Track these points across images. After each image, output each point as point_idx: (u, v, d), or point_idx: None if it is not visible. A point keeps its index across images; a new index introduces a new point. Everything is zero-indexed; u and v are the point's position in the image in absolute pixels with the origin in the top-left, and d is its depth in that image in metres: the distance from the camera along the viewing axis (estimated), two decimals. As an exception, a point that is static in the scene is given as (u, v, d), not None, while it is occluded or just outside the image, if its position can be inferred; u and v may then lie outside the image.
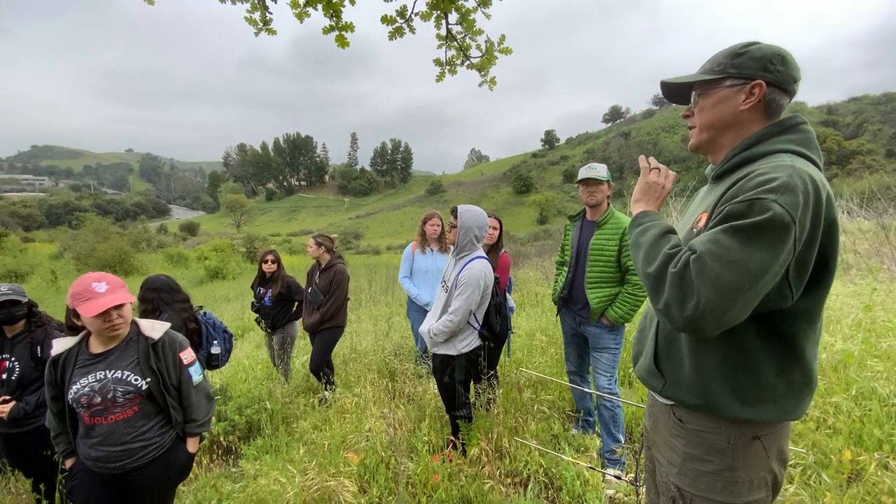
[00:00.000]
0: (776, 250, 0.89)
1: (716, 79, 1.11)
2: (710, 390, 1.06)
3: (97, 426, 1.77)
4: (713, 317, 0.91)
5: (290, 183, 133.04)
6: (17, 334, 2.37)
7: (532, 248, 14.81)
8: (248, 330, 8.39)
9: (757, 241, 0.89)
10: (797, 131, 1.06)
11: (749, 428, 1.06)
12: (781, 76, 1.07)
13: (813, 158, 1.04)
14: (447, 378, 2.59)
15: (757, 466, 1.06)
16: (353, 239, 53.07)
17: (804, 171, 0.94)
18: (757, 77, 1.07)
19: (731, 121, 1.11)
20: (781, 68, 1.06)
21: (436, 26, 2.20)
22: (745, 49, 1.09)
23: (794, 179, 0.92)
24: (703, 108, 1.15)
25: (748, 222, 0.91)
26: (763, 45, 1.08)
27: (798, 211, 0.90)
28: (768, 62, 1.06)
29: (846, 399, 2.62)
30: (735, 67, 1.09)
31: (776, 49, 1.07)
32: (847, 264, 5.66)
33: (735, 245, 0.90)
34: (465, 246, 2.57)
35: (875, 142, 64.44)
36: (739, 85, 1.09)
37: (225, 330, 2.98)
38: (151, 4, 2.01)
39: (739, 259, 0.89)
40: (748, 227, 0.90)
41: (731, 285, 0.89)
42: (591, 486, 2.31)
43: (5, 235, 29.39)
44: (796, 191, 0.91)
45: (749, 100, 1.08)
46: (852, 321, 3.61)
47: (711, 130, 1.15)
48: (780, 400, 1.03)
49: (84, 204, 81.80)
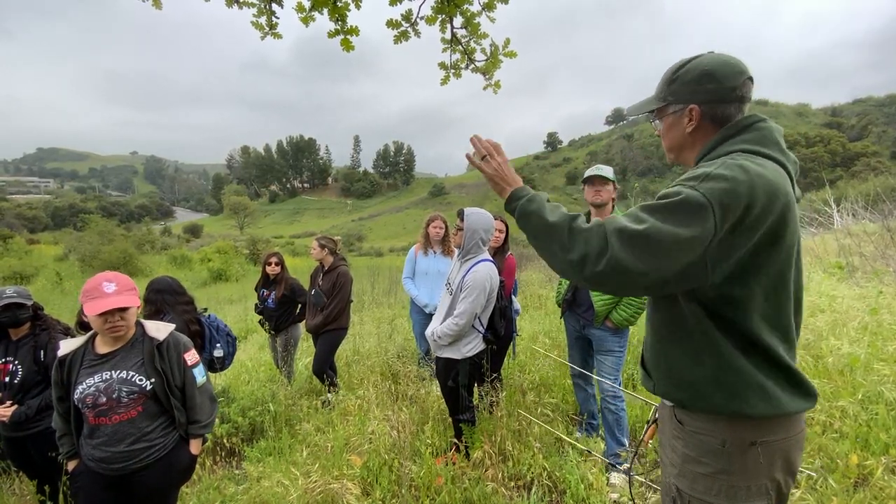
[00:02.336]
0: (688, 230, 0.92)
1: (662, 106, 1.18)
2: (691, 383, 1.08)
3: (101, 426, 1.79)
4: (616, 284, 0.97)
5: (294, 185, 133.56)
6: (21, 337, 2.37)
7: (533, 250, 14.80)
8: (252, 332, 8.41)
9: (672, 217, 0.94)
10: (751, 130, 1.09)
11: (747, 431, 1.05)
12: (714, 93, 1.09)
13: (769, 154, 1.05)
14: (451, 382, 2.59)
15: (756, 473, 1.05)
16: (356, 241, 53.17)
17: (737, 164, 0.97)
18: (691, 102, 1.12)
19: (684, 142, 1.18)
20: (711, 86, 1.09)
21: (441, 30, 2.20)
22: (676, 75, 1.14)
23: (721, 170, 0.96)
24: (663, 133, 1.23)
25: (664, 202, 0.96)
26: (691, 66, 1.12)
27: (719, 195, 0.92)
28: (696, 84, 1.11)
29: (852, 403, 2.60)
30: (672, 94, 1.15)
31: (703, 67, 1.10)
32: (852, 267, 5.62)
33: (651, 219, 0.95)
34: (470, 249, 2.56)
35: (880, 144, 64.12)
36: (680, 110, 1.15)
37: (228, 332, 2.98)
38: (159, 8, 2.03)
39: (649, 238, 0.93)
40: (664, 205, 0.96)
41: (638, 261, 0.93)
42: (595, 489, 2.30)
43: (11, 237, 29.61)
44: (719, 179, 0.94)
45: (691, 122, 1.14)
46: (858, 324, 3.59)
47: (673, 151, 1.23)
48: (762, 389, 1.02)
49: (89, 206, 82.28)
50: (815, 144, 57.10)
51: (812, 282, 5.03)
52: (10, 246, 26.71)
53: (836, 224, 7.85)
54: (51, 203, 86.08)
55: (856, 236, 6.46)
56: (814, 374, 3.03)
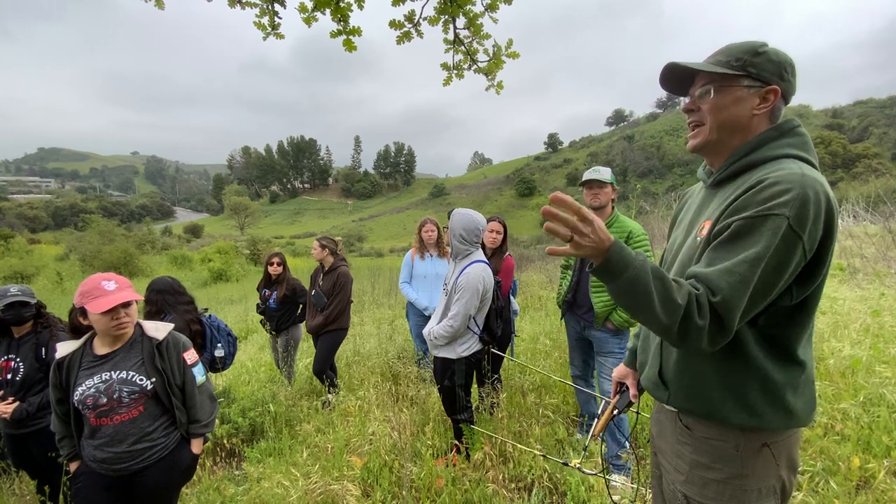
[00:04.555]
0: (785, 265, 0.91)
1: (734, 75, 1.03)
2: (714, 400, 1.06)
3: (103, 427, 1.78)
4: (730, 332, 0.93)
5: (294, 185, 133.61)
6: (23, 335, 2.38)
7: (535, 252, 14.79)
8: (252, 332, 8.41)
9: (766, 258, 0.90)
10: (794, 135, 1.04)
11: (758, 435, 1.04)
12: (790, 86, 1.06)
13: (812, 161, 1.03)
14: (447, 381, 2.59)
15: (766, 474, 1.05)
16: (356, 241, 53.18)
17: (814, 181, 0.93)
18: (773, 82, 1.03)
19: (743, 124, 1.05)
20: (791, 78, 1.05)
21: (443, 31, 2.21)
22: (763, 49, 1.03)
23: (806, 191, 0.91)
24: (718, 107, 1.05)
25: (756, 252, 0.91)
26: (778, 50, 1.04)
27: (808, 224, 0.90)
28: (783, 69, 1.03)
29: (854, 405, 2.60)
30: (754, 67, 1.02)
31: (789, 57, 1.05)
32: (854, 269, 5.61)
33: (747, 265, 0.91)
34: (457, 248, 2.57)
35: (881, 145, 64.05)
36: (756, 87, 1.03)
37: (229, 333, 2.98)
38: (161, 8, 2.03)
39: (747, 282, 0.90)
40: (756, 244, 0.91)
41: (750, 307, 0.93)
42: (597, 491, 2.29)
43: (11, 237, 29.65)
44: (807, 204, 0.90)
45: (763, 105, 1.04)
46: (860, 326, 3.58)
47: (723, 132, 1.07)
48: (786, 406, 1.02)
49: (90, 206, 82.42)
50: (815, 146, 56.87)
51: (813, 283, 5.02)
52: (11, 245, 26.74)
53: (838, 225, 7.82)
54: (52, 203, 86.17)
55: (857, 238, 6.46)
56: (815, 376, 3.02)
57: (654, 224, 8.78)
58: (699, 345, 0.93)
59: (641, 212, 9.60)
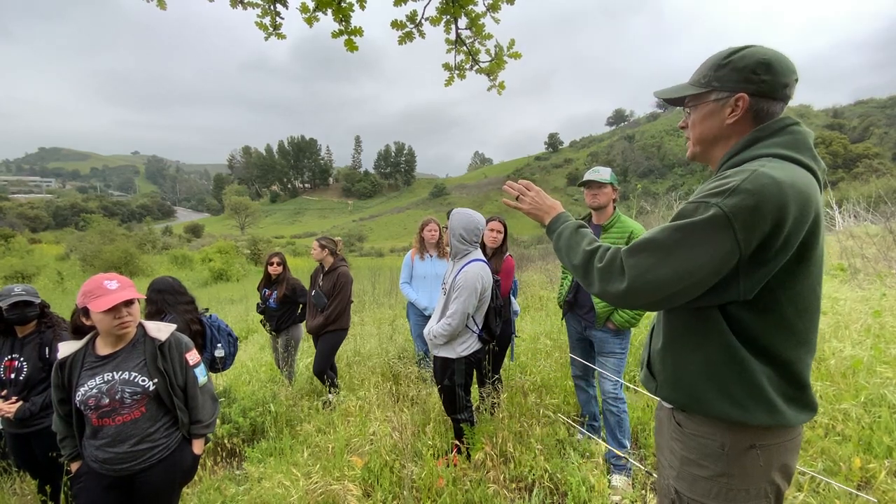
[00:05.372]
0: (709, 248, 0.92)
1: (702, 92, 1.11)
2: (696, 389, 1.07)
3: (105, 428, 1.78)
4: (644, 300, 1.00)
5: (295, 185, 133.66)
6: (27, 335, 2.39)
7: (536, 251, 14.79)
8: (253, 332, 8.41)
9: (690, 239, 0.94)
10: (784, 133, 1.04)
11: (745, 435, 1.04)
12: (767, 85, 1.04)
13: (802, 160, 1.01)
14: (447, 381, 2.59)
15: (755, 476, 1.05)
16: (356, 241, 53.19)
17: (774, 181, 0.91)
18: (740, 90, 1.05)
19: (720, 135, 1.11)
20: (767, 77, 1.03)
21: (445, 31, 2.20)
22: (727, 60, 1.07)
23: (748, 184, 0.92)
24: (694, 123, 1.15)
25: (686, 221, 0.96)
26: (748, 53, 1.05)
27: (742, 213, 0.90)
28: (751, 72, 1.04)
29: (855, 406, 2.60)
30: (718, 80, 1.08)
31: (761, 56, 1.03)
32: (855, 269, 5.61)
33: (669, 241, 0.96)
34: (456, 248, 2.57)
35: (881, 145, 63.98)
36: (724, 98, 1.07)
37: (230, 333, 2.98)
38: (163, 8, 2.03)
39: (668, 254, 0.96)
40: (684, 226, 0.95)
41: (660, 278, 0.96)
42: (597, 491, 2.29)
43: (12, 236, 29.67)
44: (746, 194, 0.91)
45: (734, 113, 1.07)
46: (861, 326, 3.58)
47: (703, 144, 1.15)
48: (769, 401, 1.01)
49: (90, 206, 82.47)
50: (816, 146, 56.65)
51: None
52: (11, 245, 26.76)
53: (838, 226, 7.83)
54: (52, 203, 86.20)
55: (858, 238, 6.45)
56: (816, 376, 3.02)
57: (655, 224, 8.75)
58: (603, 287, 1.05)
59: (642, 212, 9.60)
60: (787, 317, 1.00)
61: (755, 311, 1.00)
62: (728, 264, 0.93)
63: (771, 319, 1.00)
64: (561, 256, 1.23)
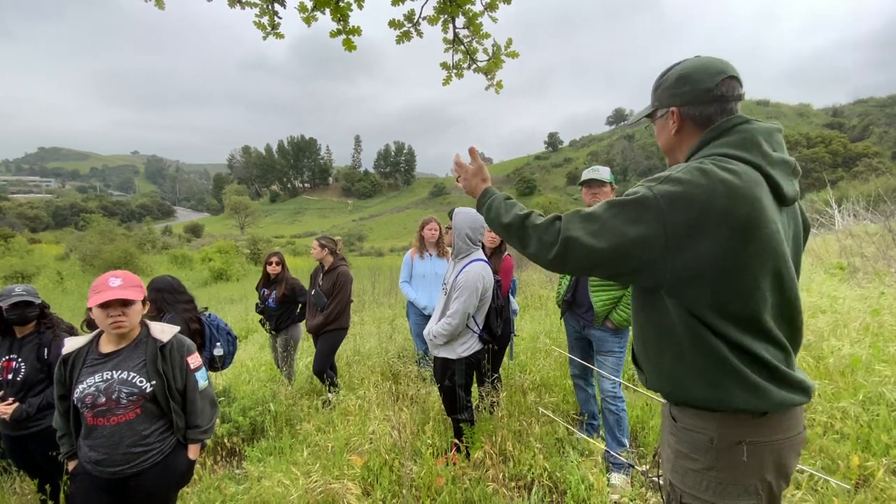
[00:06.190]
0: (637, 226, 0.99)
1: (652, 112, 1.26)
2: (676, 375, 1.10)
3: (99, 427, 1.77)
4: (573, 264, 1.07)
5: (294, 185, 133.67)
6: (26, 335, 2.38)
7: (535, 251, 14.78)
8: (252, 331, 8.42)
9: (623, 213, 1.02)
10: (732, 133, 1.09)
11: (735, 430, 1.05)
12: (689, 94, 1.13)
13: (747, 158, 1.04)
14: (447, 381, 2.59)
15: (743, 472, 1.04)
16: (356, 241, 53.19)
17: (699, 169, 1.00)
18: (672, 104, 1.17)
19: (673, 144, 1.23)
20: (686, 87, 1.13)
21: (443, 30, 2.21)
22: (660, 81, 1.21)
23: (680, 174, 1.01)
24: (657, 137, 1.30)
25: (621, 198, 1.05)
26: (672, 71, 1.18)
27: (670, 197, 0.98)
28: (674, 87, 1.16)
29: (854, 404, 2.60)
30: (658, 100, 1.22)
31: (679, 71, 1.16)
32: (854, 268, 5.62)
33: (604, 215, 1.04)
34: (460, 247, 2.57)
35: (881, 144, 63.99)
36: (665, 114, 1.21)
37: (229, 332, 2.99)
38: (161, 8, 2.03)
39: (601, 227, 1.02)
40: (620, 201, 1.04)
41: (589, 245, 1.03)
42: (596, 490, 2.30)
43: (12, 236, 29.67)
44: (675, 182, 1.00)
45: (674, 125, 1.19)
46: (860, 325, 3.58)
47: (667, 154, 1.28)
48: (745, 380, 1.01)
49: (90, 206, 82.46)
50: (816, 145, 56.99)
51: (813, 282, 5.02)
52: (11, 245, 26.74)
53: (838, 224, 7.84)
54: (52, 202, 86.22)
55: (857, 237, 6.46)
56: (815, 375, 3.03)
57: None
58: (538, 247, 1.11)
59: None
60: (733, 305, 1.02)
61: (703, 302, 1.03)
62: (654, 243, 1.00)
63: (717, 308, 1.02)
64: (491, 222, 1.30)
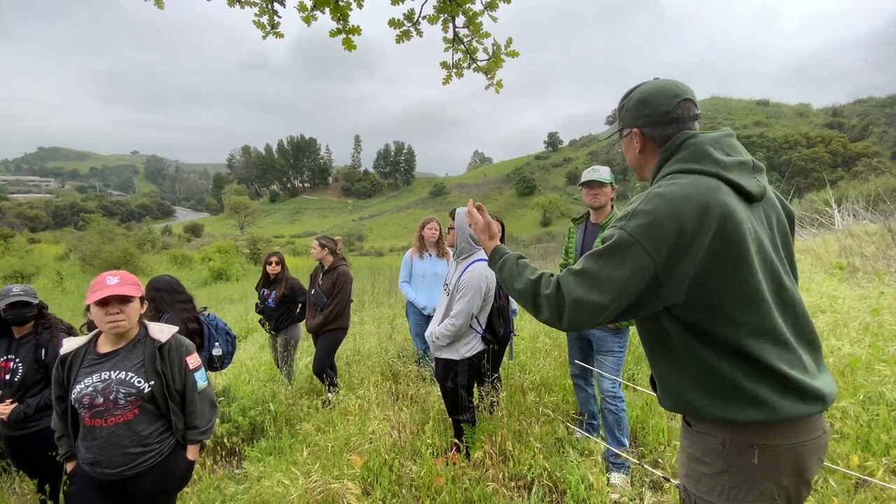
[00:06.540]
0: (625, 267, 1.03)
1: (619, 130, 1.32)
2: (683, 394, 1.11)
3: (97, 428, 1.75)
4: (585, 323, 1.08)
5: (294, 185, 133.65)
6: (24, 335, 2.37)
7: (535, 251, 14.80)
8: (252, 331, 8.42)
9: (608, 263, 1.05)
10: (683, 149, 1.14)
11: (747, 434, 1.04)
12: (649, 117, 1.19)
13: (701, 169, 1.09)
14: (450, 383, 2.58)
15: (759, 477, 1.03)
16: (356, 241, 53.20)
17: (658, 194, 1.05)
18: (635, 125, 1.23)
19: (640, 161, 1.28)
20: (647, 110, 1.19)
21: (443, 29, 2.20)
22: (623, 103, 1.27)
23: (643, 206, 1.05)
24: (625, 154, 1.34)
25: (601, 248, 1.08)
26: (633, 94, 1.23)
27: (643, 231, 1.02)
28: (636, 110, 1.21)
29: (853, 404, 2.60)
30: (622, 120, 1.28)
31: (639, 95, 1.21)
32: (853, 267, 5.62)
33: (593, 268, 1.07)
34: (463, 247, 2.57)
35: (881, 144, 63.95)
36: (629, 133, 1.26)
37: (228, 332, 2.98)
38: (161, 8, 2.03)
39: (595, 280, 1.05)
40: (601, 252, 1.07)
41: (593, 301, 1.05)
42: (596, 490, 2.30)
43: (11, 236, 29.65)
44: (642, 215, 1.04)
45: (638, 144, 1.25)
46: (859, 325, 3.58)
47: (635, 169, 1.33)
48: (751, 396, 1.01)
49: (90, 205, 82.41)
50: (815, 145, 56.96)
51: (813, 282, 5.03)
52: (11, 245, 26.73)
53: (837, 224, 7.84)
54: (52, 202, 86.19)
55: (857, 237, 6.46)
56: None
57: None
58: (551, 315, 1.12)
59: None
60: (728, 311, 1.03)
61: (697, 311, 1.05)
62: (647, 274, 1.03)
63: (713, 316, 1.04)
64: (503, 282, 1.31)
